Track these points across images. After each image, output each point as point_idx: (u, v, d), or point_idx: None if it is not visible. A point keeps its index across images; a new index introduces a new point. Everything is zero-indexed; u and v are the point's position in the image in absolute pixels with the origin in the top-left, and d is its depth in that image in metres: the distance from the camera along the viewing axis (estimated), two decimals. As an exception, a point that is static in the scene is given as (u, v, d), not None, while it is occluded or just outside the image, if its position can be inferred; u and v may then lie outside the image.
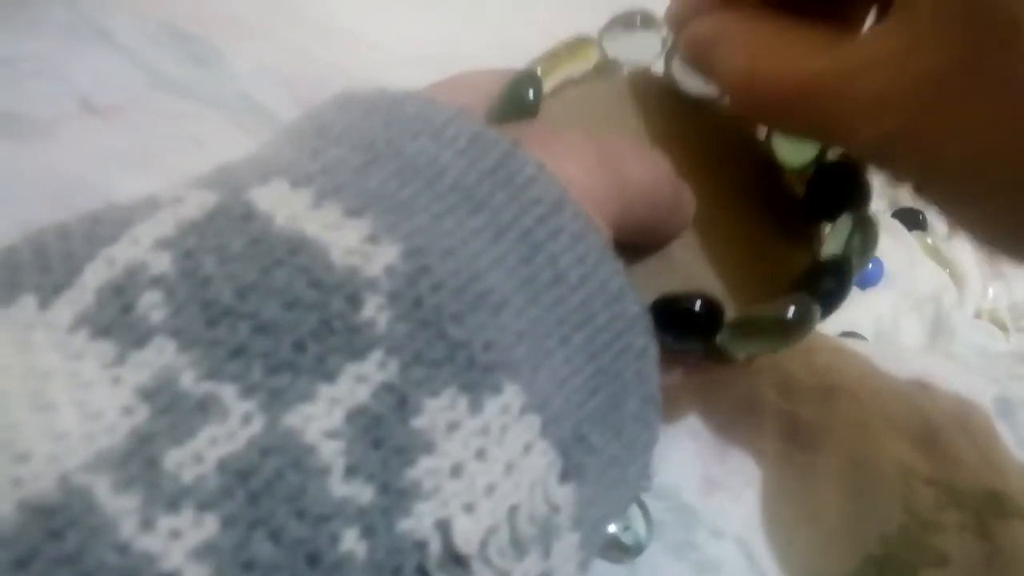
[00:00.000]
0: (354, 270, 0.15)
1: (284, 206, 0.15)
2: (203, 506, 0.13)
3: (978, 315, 0.46)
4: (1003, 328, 0.46)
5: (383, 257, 0.15)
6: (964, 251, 0.48)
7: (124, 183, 0.24)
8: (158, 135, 0.27)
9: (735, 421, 0.29)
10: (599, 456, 0.17)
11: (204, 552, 0.12)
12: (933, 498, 0.30)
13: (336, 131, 0.18)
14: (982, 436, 0.32)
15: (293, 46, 0.38)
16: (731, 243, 0.24)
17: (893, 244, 0.47)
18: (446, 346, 0.15)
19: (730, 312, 0.22)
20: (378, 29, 0.42)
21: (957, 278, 0.47)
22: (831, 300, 0.22)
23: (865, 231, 0.23)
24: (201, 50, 0.33)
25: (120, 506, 0.12)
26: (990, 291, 0.47)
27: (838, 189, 0.24)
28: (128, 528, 0.12)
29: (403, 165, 0.17)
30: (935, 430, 0.32)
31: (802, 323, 0.22)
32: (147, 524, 0.12)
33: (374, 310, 0.15)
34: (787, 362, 0.32)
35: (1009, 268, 0.47)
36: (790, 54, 0.20)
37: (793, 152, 0.25)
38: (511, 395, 0.15)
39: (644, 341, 0.18)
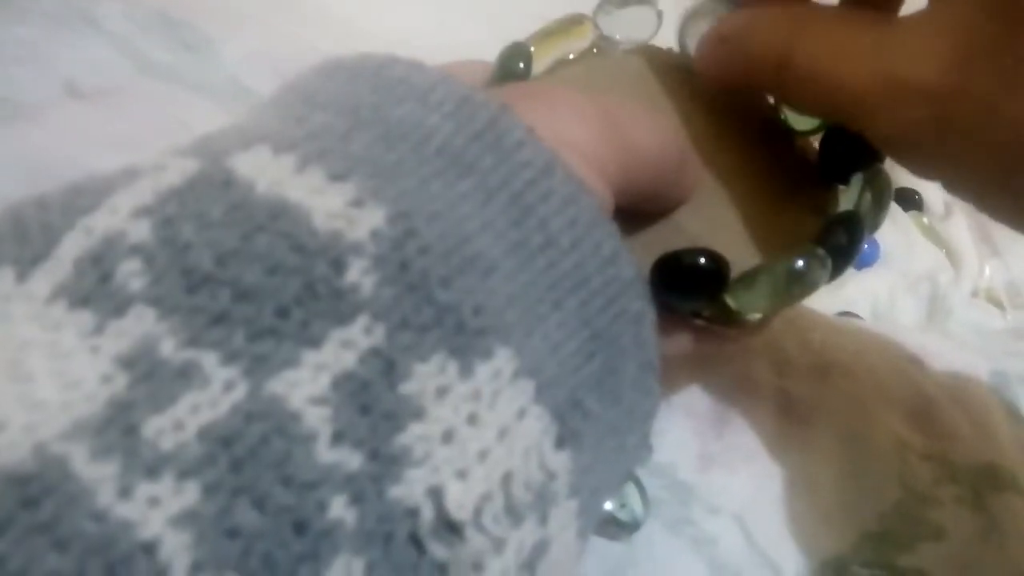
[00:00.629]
0: (338, 234, 0.15)
1: (266, 172, 0.15)
2: (184, 474, 0.13)
3: (975, 294, 0.46)
4: (999, 306, 0.46)
5: (368, 221, 0.15)
6: (960, 230, 0.48)
7: (109, 165, 0.24)
8: (145, 120, 0.27)
9: (731, 398, 0.29)
10: (596, 422, 0.17)
11: (185, 520, 0.12)
12: (929, 472, 0.30)
13: (321, 97, 0.17)
14: (977, 410, 0.32)
15: (284, 33, 0.38)
16: (740, 209, 0.23)
17: (890, 224, 0.47)
18: (434, 310, 0.15)
19: (736, 270, 0.21)
20: (370, 16, 0.42)
21: (953, 257, 0.47)
22: (842, 253, 0.22)
23: (877, 187, 0.23)
24: (190, 36, 0.32)
25: (97, 474, 0.12)
26: (986, 269, 0.47)
27: (849, 149, 0.24)
28: (105, 496, 0.12)
29: (389, 129, 0.17)
30: (930, 404, 0.32)
31: (812, 274, 0.21)
32: (125, 492, 0.12)
33: (359, 274, 0.14)
34: (783, 340, 0.32)
35: (1005, 246, 0.47)
36: (828, 40, 0.21)
37: (802, 117, 0.25)
38: (502, 359, 0.15)
39: (640, 305, 0.18)
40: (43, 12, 0.28)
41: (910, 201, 0.49)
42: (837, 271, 0.22)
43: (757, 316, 0.22)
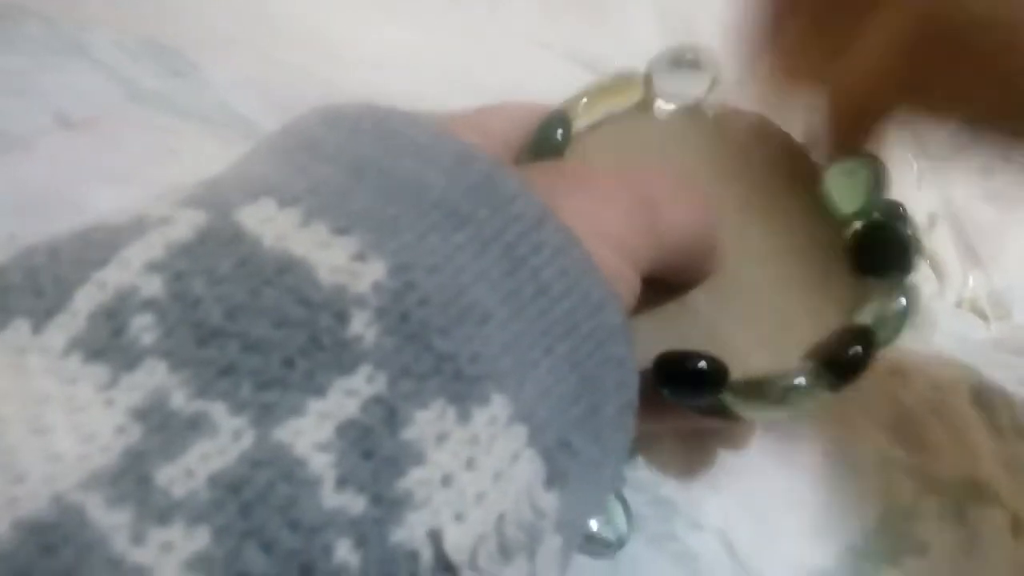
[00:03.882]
0: (341, 287, 0.15)
1: (272, 226, 0.16)
2: (194, 519, 0.13)
3: (959, 304, 0.47)
4: (983, 317, 0.46)
5: (370, 274, 0.15)
6: (944, 242, 0.48)
7: (100, 196, 0.24)
8: (134, 148, 0.27)
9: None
10: (580, 460, 0.17)
11: (196, 564, 0.13)
12: (912, 486, 0.30)
13: (323, 148, 0.18)
14: (958, 423, 0.32)
15: (271, 55, 0.38)
16: (760, 297, 0.23)
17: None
18: (433, 358, 0.15)
19: (743, 368, 0.21)
20: (357, 35, 0.42)
21: (937, 268, 0.47)
22: (848, 371, 0.21)
23: (904, 300, 0.22)
24: (178, 63, 0.33)
25: (112, 521, 0.13)
26: (970, 280, 0.47)
27: (883, 248, 0.23)
28: (120, 542, 0.12)
29: (389, 183, 0.17)
30: (912, 418, 0.32)
31: (809, 396, 0.21)
32: (138, 538, 0.13)
33: (362, 326, 0.15)
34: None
35: (988, 258, 0.48)
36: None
37: (846, 198, 0.24)
38: (498, 405, 0.16)
39: (624, 350, 0.18)
40: (32, 41, 0.28)
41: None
42: (841, 386, 0.22)
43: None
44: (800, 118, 0.26)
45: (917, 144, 0.46)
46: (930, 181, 0.45)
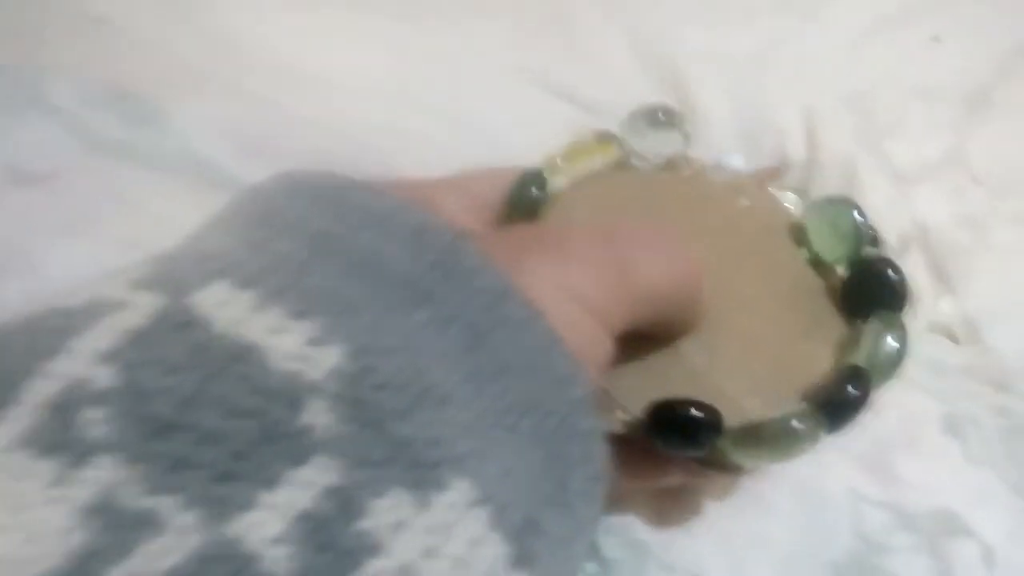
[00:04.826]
0: (294, 375, 0.15)
1: (226, 310, 0.16)
2: None
3: (931, 329, 0.47)
4: (955, 341, 0.46)
5: (326, 359, 0.15)
6: (916, 266, 0.48)
7: (59, 252, 0.24)
8: (94, 201, 0.27)
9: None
10: (549, 537, 0.17)
11: None
12: (883, 521, 0.30)
13: (281, 221, 0.18)
14: (930, 453, 0.32)
15: (242, 92, 0.38)
16: (750, 342, 0.23)
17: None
18: (390, 445, 0.15)
19: (738, 415, 0.21)
20: (328, 65, 0.42)
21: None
22: (847, 412, 0.21)
23: (896, 338, 0.22)
24: (143, 108, 0.33)
25: None
26: (942, 305, 0.47)
27: (872, 288, 0.23)
28: None
29: (348, 260, 0.17)
30: (884, 450, 0.32)
31: (807, 438, 0.21)
32: None
33: (315, 414, 0.15)
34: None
35: (959, 282, 0.48)
36: None
37: (829, 246, 0.24)
38: (458, 490, 0.15)
39: (590, 422, 0.18)
40: (-11, 93, 0.28)
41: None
42: (837, 428, 0.21)
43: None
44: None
45: (888, 167, 0.46)
46: (901, 204, 0.46)
